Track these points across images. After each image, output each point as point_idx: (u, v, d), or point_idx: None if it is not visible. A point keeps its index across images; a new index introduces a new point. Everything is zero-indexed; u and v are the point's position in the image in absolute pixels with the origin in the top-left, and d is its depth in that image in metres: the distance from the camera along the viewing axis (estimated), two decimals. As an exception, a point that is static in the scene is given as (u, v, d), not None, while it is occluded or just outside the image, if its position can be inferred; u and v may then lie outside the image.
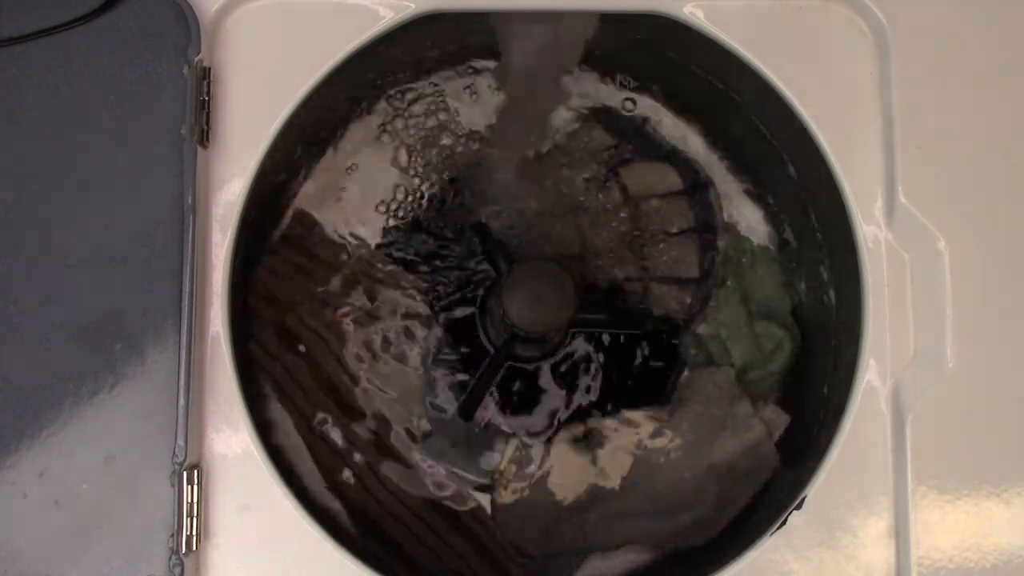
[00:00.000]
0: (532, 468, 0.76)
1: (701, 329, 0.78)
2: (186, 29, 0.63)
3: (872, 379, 0.63)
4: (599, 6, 0.69)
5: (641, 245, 0.80)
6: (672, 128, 0.81)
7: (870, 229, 0.64)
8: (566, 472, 0.76)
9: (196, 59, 0.62)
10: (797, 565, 0.61)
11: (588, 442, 0.77)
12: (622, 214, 0.80)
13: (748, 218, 0.80)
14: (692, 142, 0.81)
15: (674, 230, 0.80)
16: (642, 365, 0.79)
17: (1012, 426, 0.61)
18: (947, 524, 0.60)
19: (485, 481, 0.76)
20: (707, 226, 0.80)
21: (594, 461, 0.76)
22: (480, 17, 0.73)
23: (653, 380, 0.78)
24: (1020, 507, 0.60)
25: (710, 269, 0.79)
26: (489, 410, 0.78)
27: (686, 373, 0.78)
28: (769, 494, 0.72)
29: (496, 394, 0.78)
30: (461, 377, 0.78)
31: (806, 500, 0.62)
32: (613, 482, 0.75)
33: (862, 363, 0.63)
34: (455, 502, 0.76)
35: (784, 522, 0.62)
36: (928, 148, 0.63)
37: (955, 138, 0.63)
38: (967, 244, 0.62)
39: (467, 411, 0.77)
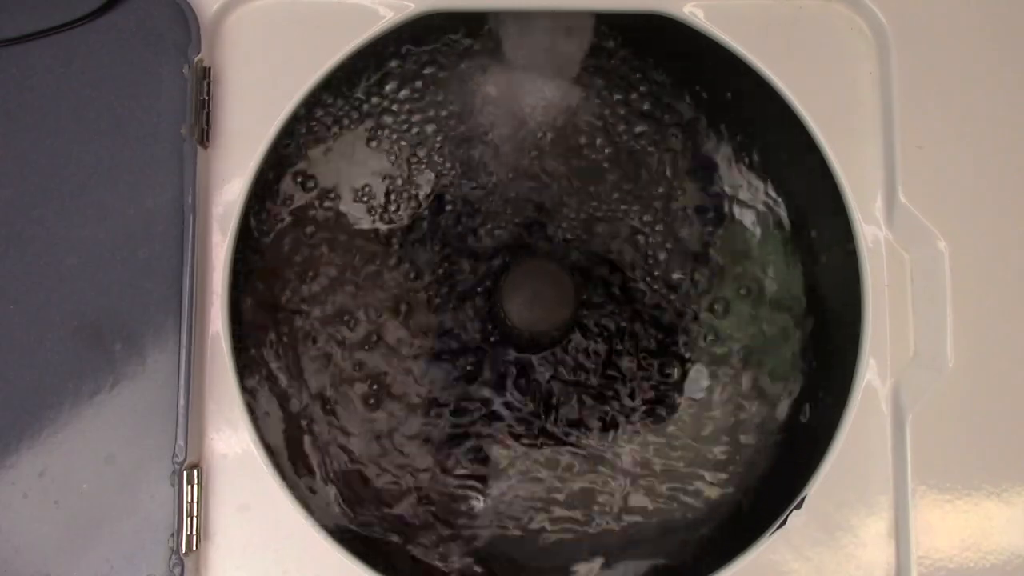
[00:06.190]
0: (529, 466, 0.76)
1: (704, 316, 0.78)
2: (186, 29, 0.63)
3: (872, 379, 0.63)
4: (599, 6, 0.69)
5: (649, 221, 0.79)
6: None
7: (870, 229, 0.64)
8: (565, 473, 0.76)
9: (196, 59, 0.62)
10: (797, 565, 0.61)
11: (589, 443, 0.77)
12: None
13: (752, 205, 0.79)
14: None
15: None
16: (645, 357, 0.79)
17: (1012, 426, 0.61)
18: (947, 524, 0.60)
19: (483, 479, 0.76)
20: (712, 207, 0.80)
21: (593, 463, 0.76)
22: (480, 16, 0.73)
23: (657, 374, 0.78)
24: (1020, 507, 0.60)
25: (712, 247, 0.79)
26: (490, 407, 0.78)
27: (688, 369, 0.78)
28: (769, 493, 0.72)
29: (497, 390, 0.78)
30: (463, 374, 0.78)
31: (806, 500, 0.62)
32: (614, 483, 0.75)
33: (862, 363, 0.63)
34: (452, 501, 0.76)
35: (784, 522, 0.62)
36: (928, 148, 0.63)
37: (955, 138, 0.63)
38: (967, 244, 0.62)
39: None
